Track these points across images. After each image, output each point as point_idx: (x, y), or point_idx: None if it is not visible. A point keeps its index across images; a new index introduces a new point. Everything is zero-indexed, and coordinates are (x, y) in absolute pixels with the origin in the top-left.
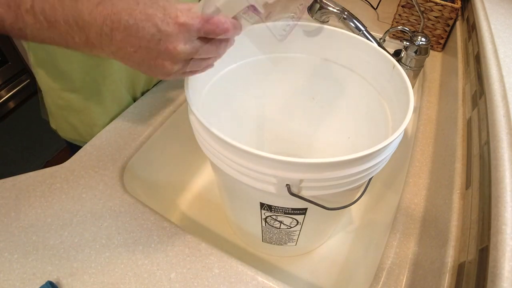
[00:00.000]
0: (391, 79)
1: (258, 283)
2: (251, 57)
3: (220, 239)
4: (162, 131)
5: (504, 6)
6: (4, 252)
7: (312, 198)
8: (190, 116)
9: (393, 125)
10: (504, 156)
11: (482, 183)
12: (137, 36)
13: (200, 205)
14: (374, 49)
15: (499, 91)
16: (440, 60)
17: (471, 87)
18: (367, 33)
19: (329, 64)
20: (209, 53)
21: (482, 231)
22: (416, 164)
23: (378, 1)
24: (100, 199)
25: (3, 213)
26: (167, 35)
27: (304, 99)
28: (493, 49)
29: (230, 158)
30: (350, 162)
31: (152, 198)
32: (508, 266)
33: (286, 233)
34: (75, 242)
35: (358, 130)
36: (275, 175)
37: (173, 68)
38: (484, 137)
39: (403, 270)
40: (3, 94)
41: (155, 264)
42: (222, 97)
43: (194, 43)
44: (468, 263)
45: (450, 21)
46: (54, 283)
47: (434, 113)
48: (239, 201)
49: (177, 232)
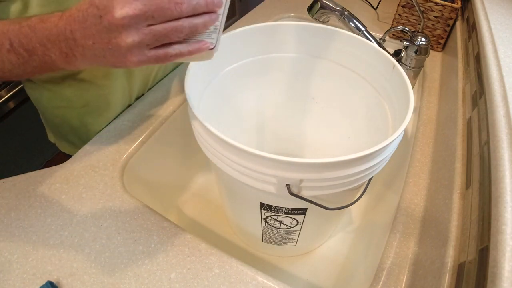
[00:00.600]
0: (391, 79)
1: (258, 283)
2: (251, 57)
3: (220, 239)
4: (162, 131)
5: (504, 6)
6: (4, 252)
7: (312, 198)
8: (190, 116)
9: (393, 125)
10: (504, 156)
11: (482, 183)
12: (86, 25)
13: (200, 205)
14: (374, 49)
15: (499, 91)
16: (440, 60)
17: (471, 87)
18: (367, 33)
19: (329, 64)
20: (164, 11)
21: (482, 231)
22: (416, 164)
23: (378, 1)
24: (100, 199)
25: (3, 213)
26: (104, 8)
27: (304, 99)
28: (493, 49)
29: (230, 158)
30: (350, 162)
31: (152, 198)
32: (508, 266)
33: (286, 233)
34: (75, 242)
35: (358, 130)
36: (275, 175)
37: (127, 41)
38: (484, 137)
39: (403, 270)
40: (3, 94)
41: (155, 264)
42: (222, 97)
43: (136, 3)
44: (468, 263)
45: (450, 21)
46: (54, 283)
47: (434, 113)
48: (239, 201)
49: (177, 232)
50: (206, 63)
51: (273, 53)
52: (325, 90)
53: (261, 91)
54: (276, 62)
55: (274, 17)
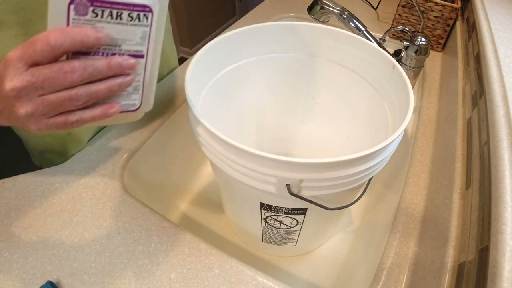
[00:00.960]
0: (391, 79)
1: (258, 283)
2: (251, 57)
3: (220, 239)
4: (162, 131)
5: (504, 6)
6: (4, 252)
7: (312, 198)
8: (190, 116)
9: (393, 125)
10: (504, 156)
11: (482, 183)
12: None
13: (200, 205)
14: (374, 49)
15: (499, 91)
16: (440, 60)
17: (471, 87)
18: (367, 33)
19: (329, 64)
20: (54, 80)
21: (482, 231)
22: (416, 164)
23: (378, 1)
24: (100, 199)
25: (3, 213)
26: (0, 78)
27: (304, 99)
28: (493, 49)
29: (230, 158)
30: (350, 162)
31: (152, 198)
32: (508, 266)
33: (286, 233)
34: (75, 242)
35: (358, 130)
36: (275, 175)
37: (21, 112)
38: (484, 137)
39: (403, 270)
40: None
41: (155, 264)
42: (222, 97)
43: (25, 74)
44: (468, 263)
45: (450, 21)
46: (54, 283)
47: (434, 113)
48: (239, 201)
49: (177, 232)
50: (206, 63)
51: (273, 53)
52: (325, 90)
53: (261, 91)
54: (276, 62)
55: (274, 17)
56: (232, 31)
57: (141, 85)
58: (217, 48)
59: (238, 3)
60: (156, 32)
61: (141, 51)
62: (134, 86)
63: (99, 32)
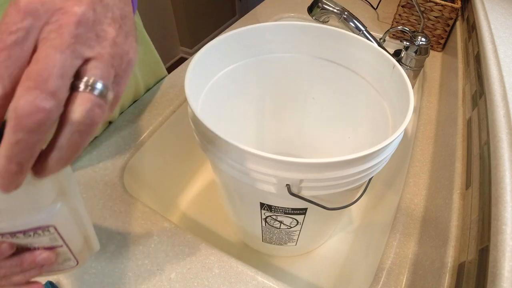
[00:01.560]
0: (391, 79)
1: (258, 283)
2: (251, 57)
3: (220, 239)
4: (162, 131)
5: (504, 6)
6: None
7: (312, 198)
8: (190, 116)
9: (393, 125)
10: (504, 156)
11: (482, 183)
12: None
13: (200, 205)
14: (374, 49)
15: (499, 91)
16: (440, 60)
17: (471, 87)
18: (367, 33)
19: (329, 64)
20: None
21: (482, 231)
22: (416, 164)
23: (378, 1)
24: (100, 199)
25: None
26: None
27: (304, 99)
28: (493, 49)
29: (230, 158)
30: (350, 162)
31: (152, 198)
32: (508, 266)
33: (286, 233)
34: None
35: (358, 130)
36: (275, 175)
37: None
38: (484, 137)
39: (403, 270)
40: None
41: (155, 264)
42: (222, 97)
43: None
44: (468, 263)
45: (450, 21)
46: (54, 283)
47: (434, 113)
48: (239, 201)
49: (177, 232)
50: (206, 63)
51: (273, 53)
52: (325, 90)
53: (261, 91)
54: (276, 62)
55: (274, 17)
56: (232, 31)
57: (70, 253)
58: (217, 48)
59: (238, 3)
60: (70, 214)
61: (57, 245)
62: (62, 258)
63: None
